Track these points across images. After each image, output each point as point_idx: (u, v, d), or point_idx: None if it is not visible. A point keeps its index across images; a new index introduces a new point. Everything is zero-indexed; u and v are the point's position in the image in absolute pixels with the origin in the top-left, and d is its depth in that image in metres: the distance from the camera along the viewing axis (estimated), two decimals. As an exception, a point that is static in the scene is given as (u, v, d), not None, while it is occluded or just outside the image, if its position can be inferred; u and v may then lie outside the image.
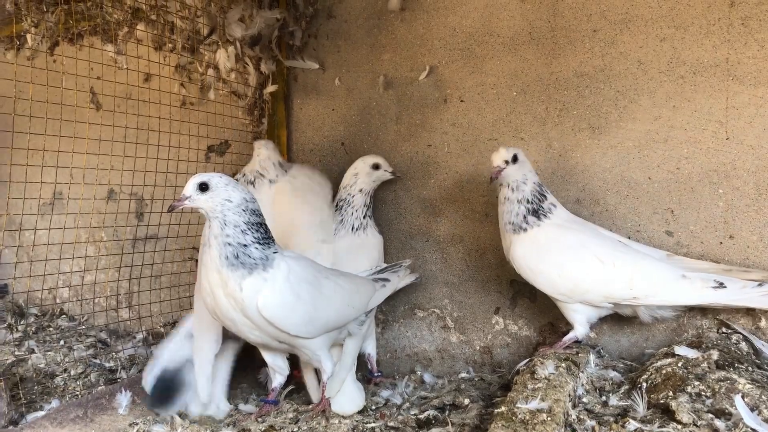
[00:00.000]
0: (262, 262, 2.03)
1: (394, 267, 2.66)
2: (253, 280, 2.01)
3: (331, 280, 2.25)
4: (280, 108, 3.24)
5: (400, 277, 2.64)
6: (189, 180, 2.04)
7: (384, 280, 2.54)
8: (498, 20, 2.84)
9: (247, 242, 2.02)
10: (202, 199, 2.01)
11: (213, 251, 2.02)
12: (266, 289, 2.02)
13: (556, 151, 2.72)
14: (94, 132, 2.74)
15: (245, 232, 2.02)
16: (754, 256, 2.39)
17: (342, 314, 2.28)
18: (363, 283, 2.44)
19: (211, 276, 2.04)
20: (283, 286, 2.05)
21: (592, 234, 2.37)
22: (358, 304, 2.35)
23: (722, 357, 2.09)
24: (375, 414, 2.33)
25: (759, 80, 2.39)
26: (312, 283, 2.16)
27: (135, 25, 3.02)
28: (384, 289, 2.51)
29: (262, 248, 2.04)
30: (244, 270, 2.01)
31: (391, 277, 2.59)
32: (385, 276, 2.58)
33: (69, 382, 2.71)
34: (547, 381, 1.95)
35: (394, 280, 2.59)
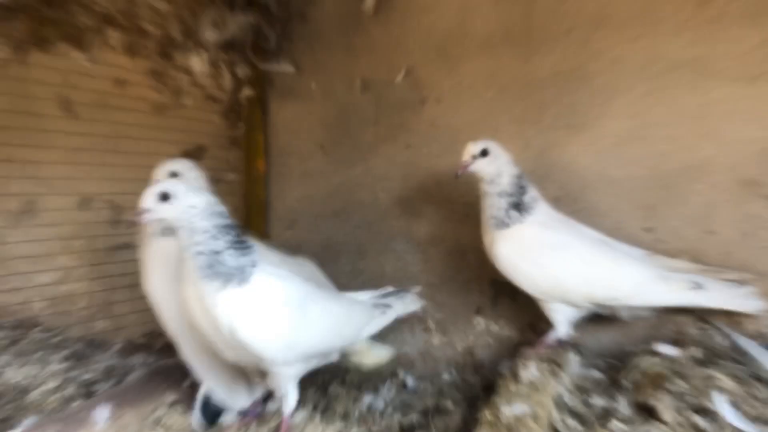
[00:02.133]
0: (239, 273, 1.90)
1: (401, 292, 2.49)
2: (228, 294, 1.89)
3: (319, 305, 2.09)
4: (256, 112, 3.22)
5: (406, 303, 2.46)
6: (146, 191, 1.91)
7: (385, 306, 2.38)
8: (473, 21, 2.83)
9: (220, 248, 1.89)
10: (164, 209, 1.90)
11: (188, 263, 1.92)
12: (240, 307, 1.89)
13: (534, 150, 2.71)
14: (66, 140, 2.69)
15: (216, 237, 1.90)
16: (733, 252, 2.40)
17: (328, 343, 2.14)
18: (358, 309, 2.28)
19: (188, 290, 1.95)
20: (258, 305, 1.92)
21: (575, 233, 2.36)
22: (349, 333, 2.21)
23: (703, 354, 2.09)
24: (358, 420, 2.31)
25: (733, 76, 2.40)
26: (295, 307, 2.01)
27: (106, 31, 2.97)
28: (384, 317, 2.34)
29: (237, 255, 1.91)
30: (218, 281, 1.88)
31: (395, 303, 2.41)
32: (388, 301, 2.40)
33: (45, 397, 2.64)
34: (530, 383, 1.95)
35: (397, 307, 2.41)
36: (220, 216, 1.94)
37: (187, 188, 1.93)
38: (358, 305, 2.31)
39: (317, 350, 2.10)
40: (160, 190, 1.89)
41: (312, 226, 3.17)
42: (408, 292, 2.52)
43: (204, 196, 1.94)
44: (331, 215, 3.13)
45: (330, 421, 2.25)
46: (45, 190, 2.66)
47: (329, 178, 3.13)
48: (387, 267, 3.01)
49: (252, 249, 1.98)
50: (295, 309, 2.00)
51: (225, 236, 1.91)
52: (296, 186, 3.21)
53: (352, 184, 3.08)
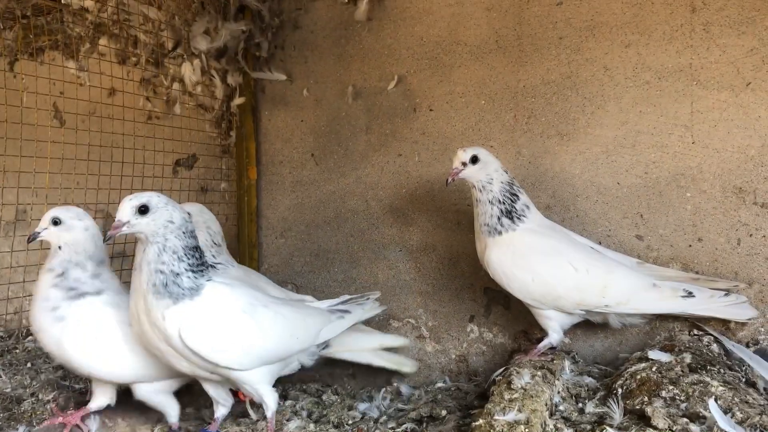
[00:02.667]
0: (191, 291, 1.89)
1: (360, 299, 2.52)
2: (176, 309, 1.86)
3: (271, 309, 2.09)
4: (248, 120, 3.21)
5: (365, 309, 2.50)
6: (123, 202, 1.83)
7: (343, 312, 2.41)
8: (464, 29, 2.85)
9: (180, 270, 1.87)
10: (143, 223, 1.83)
11: (143, 276, 1.87)
12: (190, 318, 1.87)
13: (525, 158, 2.73)
14: (58, 150, 2.69)
15: (181, 259, 1.88)
16: (722, 258, 2.42)
17: (283, 346, 2.12)
18: (312, 313, 2.31)
19: (138, 302, 1.91)
20: (209, 314, 1.91)
21: (566, 240, 2.37)
22: (304, 335, 2.20)
23: (695, 360, 2.10)
24: (352, 429, 2.31)
25: (722, 84, 2.43)
26: (246, 311, 2.01)
27: (97, 40, 2.97)
28: (342, 321, 2.37)
29: (195, 277, 1.90)
30: (170, 300, 1.86)
31: (354, 309, 2.45)
32: (346, 308, 2.44)
33: (37, 407, 2.63)
34: (523, 391, 1.95)
35: (356, 313, 2.44)
36: (191, 236, 1.92)
37: (167, 201, 1.89)
38: (312, 310, 2.34)
39: (274, 354, 2.10)
40: (139, 201, 1.83)
41: (304, 235, 3.17)
42: (368, 298, 2.54)
43: (181, 212, 1.90)
44: (323, 224, 3.13)
45: (324, 429, 2.25)
46: (37, 200, 2.66)
47: (321, 186, 3.13)
48: (380, 275, 3.01)
49: (208, 270, 1.97)
50: (245, 314, 2.00)
51: (189, 259, 1.90)
52: (288, 194, 3.20)
53: (344, 193, 3.08)
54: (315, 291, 3.12)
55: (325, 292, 3.11)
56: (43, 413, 2.56)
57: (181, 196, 3.10)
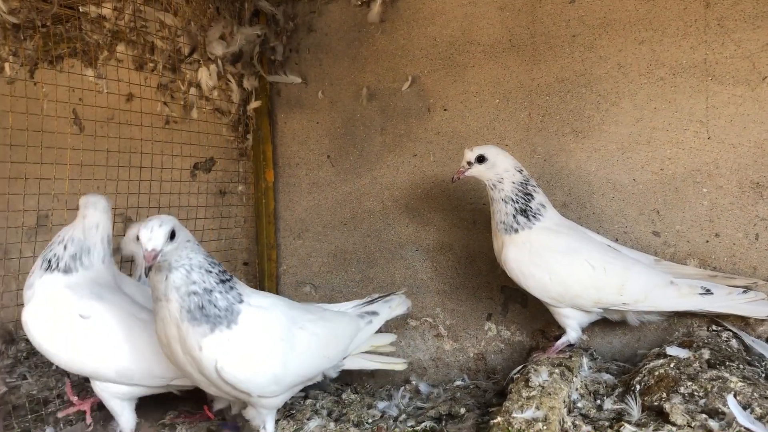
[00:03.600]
0: (227, 315, 1.82)
1: (386, 297, 2.42)
2: (214, 338, 1.80)
3: (307, 331, 2.02)
4: (264, 123, 3.24)
5: (392, 307, 2.41)
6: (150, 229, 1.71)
7: (372, 314, 2.32)
8: (478, 29, 2.86)
9: (212, 285, 1.81)
10: (171, 249, 1.75)
11: (172, 305, 1.79)
12: (228, 350, 1.81)
13: (540, 156, 2.73)
14: (77, 156, 2.73)
15: (209, 271, 1.82)
16: (740, 254, 2.42)
17: (314, 368, 2.08)
18: (345, 324, 2.21)
19: (169, 330, 1.84)
20: (247, 344, 1.84)
21: (584, 238, 2.37)
22: (335, 353, 2.13)
23: (713, 355, 2.10)
24: (372, 427, 2.33)
25: (737, 79, 2.42)
26: (284, 339, 1.95)
27: (115, 47, 3.01)
28: (371, 326, 2.29)
29: (226, 292, 1.84)
30: (207, 326, 1.79)
31: (381, 309, 2.36)
32: (374, 308, 2.35)
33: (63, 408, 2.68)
34: (541, 388, 1.96)
35: (384, 313, 2.36)
36: (201, 249, 1.86)
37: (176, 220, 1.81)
38: (345, 319, 2.23)
39: (305, 377, 2.06)
40: (168, 228, 1.73)
41: (321, 236, 3.20)
42: (394, 294, 2.47)
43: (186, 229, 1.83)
44: (339, 224, 3.16)
45: (344, 428, 2.27)
46: (58, 206, 2.70)
47: (337, 187, 3.16)
48: (397, 275, 3.03)
49: (232, 280, 1.91)
50: (283, 343, 1.94)
51: (214, 268, 1.84)
52: (305, 196, 3.23)
53: (360, 194, 3.11)
54: (333, 291, 3.15)
55: (343, 292, 3.14)
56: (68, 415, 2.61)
57: (199, 199, 3.15)
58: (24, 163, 2.45)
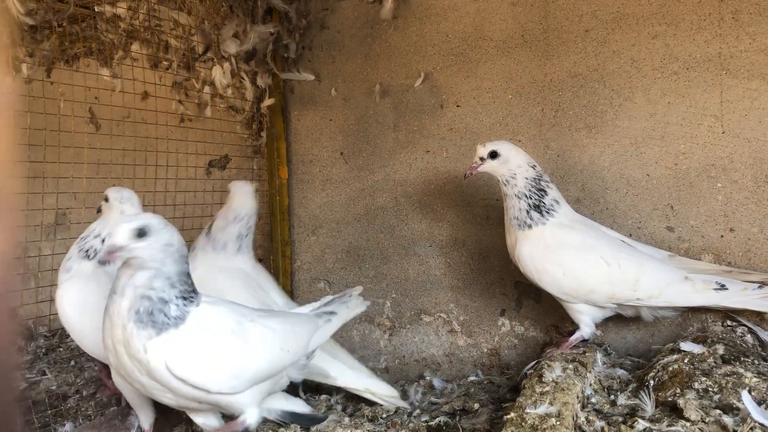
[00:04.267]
0: (176, 321, 1.76)
1: (343, 297, 2.36)
2: (160, 340, 1.73)
3: (258, 324, 1.97)
4: (277, 120, 3.26)
5: (350, 307, 2.34)
6: (119, 224, 1.70)
7: (330, 314, 2.25)
8: (490, 24, 2.85)
9: (170, 298, 1.76)
10: (141, 247, 1.70)
11: (124, 302, 1.73)
12: (177, 348, 1.75)
13: (554, 151, 2.73)
14: (94, 155, 2.77)
15: (174, 286, 1.77)
16: (756, 248, 2.40)
17: (275, 361, 1.99)
18: (301, 321, 2.16)
19: (115, 332, 1.76)
20: (198, 341, 1.79)
21: (598, 234, 2.37)
22: (295, 346, 2.06)
23: (728, 351, 2.10)
24: (386, 422, 2.35)
25: (752, 73, 2.40)
26: (234, 331, 1.89)
27: (130, 46, 3.04)
28: (329, 324, 2.22)
29: (184, 305, 1.78)
30: (153, 330, 1.73)
31: (339, 309, 2.29)
32: (331, 309, 2.28)
33: (81, 404, 2.72)
34: (554, 384, 1.96)
35: (342, 313, 2.29)
36: (185, 260, 1.82)
37: (165, 222, 1.78)
38: (300, 317, 2.19)
39: (266, 371, 1.98)
40: (137, 224, 1.71)
41: (335, 232, 3.21)
42: (350, 296, 2.38)
43: (179, 235, 1.79)
44: (353, 221, 3.17)
45: (358, 424, 2.29)
46: (76, 204, 2.74)
47: (350, 184, 3.17)
48: (410, 271, 3.04)
49: (197, 296, 1.85)
50: (234, 336, 1.88)
51: (182, 285, 1.79)
52: (318, 193, 3.25)
53: (373, 190, 3.12)
54: (347, 287, 3.14)
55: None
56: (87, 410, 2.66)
57: (214, 196, 3.17)
58: (42, 162, 2.48)
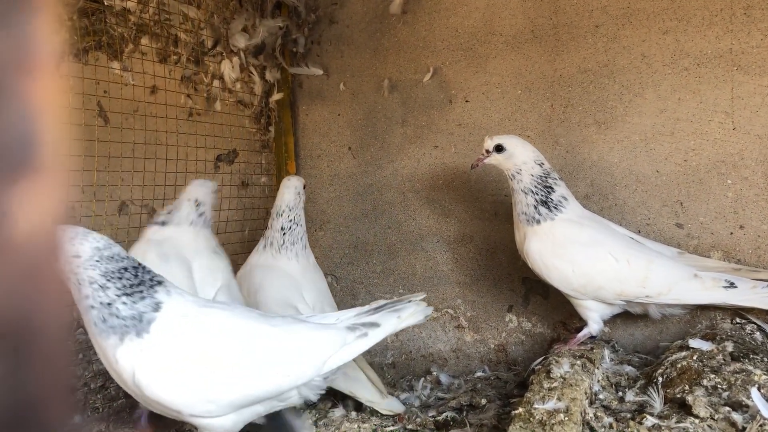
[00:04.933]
0: (134, 324, 1.66)
1: (398, 303, 1.91)
2: (126, 349, 1.65)
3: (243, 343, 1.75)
4: (286, 115, 3.26)
5: (402, 318, 1.88)
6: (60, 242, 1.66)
7: (369, 326, 1.83)
8: (500, 19, 2.85)
9: (111, 299, 1.66)
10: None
11: (84, 319, 1.70)
12: (143, 362, 1.64)
13: (563, 147, 2.72)
14: (104, 149, 2.77)
15: (105, 287, 1.66)
16: (766, 245, 2.40)
17: (267, 386, 1.74)
18: (316, 336, 1.81)
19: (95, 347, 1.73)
20: (163, 357, 1.66)
21: (606, 231, 2.36)
22: (297, 370, 1.76)
23: (737, 348, 2.09)
24: (393, 417, 2.35)
25: (764, 69, 2.39)
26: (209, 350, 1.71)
27: (139, 39, 3.05)
28: (364, 340, 1.81)
29: (132, 302, 1.67)
30: (115, 336, 1.65)
31: (385, 320, 1.86)
32: (374, 319, 1.86)
33: (89, 396, 2.73)
34: (562, 380, 1.96)
35: (388, 325, 1.86)
36: (110, 260, 1.69)
37: (73, 234, 1.69)
38: (317, 331, 1.83)
39: (253, 397, 1.75)
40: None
41: (342, 227, 3.21)
42: (408, 302, 1.93)
43: (90, 243, 1.69)
44: (361, 216, 3.17)
45: (365, 418, 2.29)
46: (85, 197, 2.74)
47: (358, 179, 3.17)
48: (418, 266, 3.04)
49: (156, 288, 1.73)
50: (207, 354, 1.71)
51: (116, 282, 1.68)
52: (326, 188, 3.25)
53: (381, 185, 3.12)
54: (354, 282, 3.17)
55: (364, 283, 3.16)
56: (95, 402, 2.67)
57: (222, 190, 3.16)
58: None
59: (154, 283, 1.73)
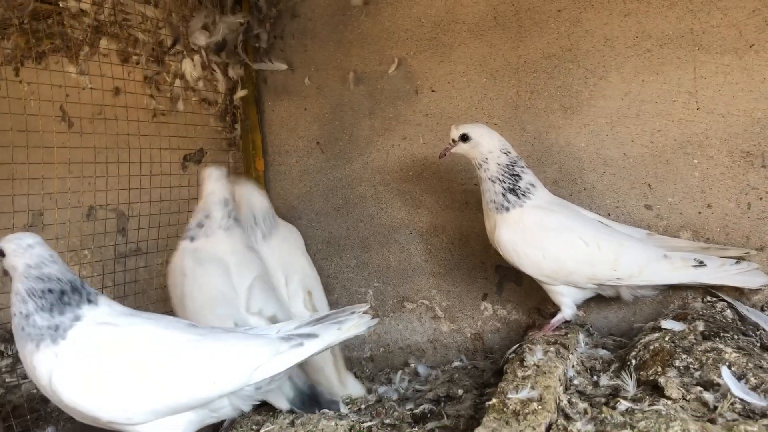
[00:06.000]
0: (50, 332, 1.70)
1: (341, 314, 1.95)
2: (42, 356, 1.69)
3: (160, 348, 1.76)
4: (252, 112, 3.22)
5: (343, 329, 1.90)
6: None
7: (305, 337, 1.85)
8: (462, 7, 2.83)
9: (29, 311, 1.72)
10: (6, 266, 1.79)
11: None
12: (57, 367, 1.67)
13: (530, 133, 2.72)
14: (68, 154, 2.71)
15: (24, 301, 1.73)
16: (733, 224, 2.41)
17: (188, 393, 1.74)
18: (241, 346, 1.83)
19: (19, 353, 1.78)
20: (78, 363, 1.68)
21: (575, 216, 2.36)
22: (225, 377, 1.77)
23: (708, 327, 2.11)
24: (371, 412, 2.34)
25: (724, 48, 2.40)
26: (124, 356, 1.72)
27: (98, 41, 2.99)
28: (298, 350, 1.82)
29: (50, 315, 1.71)
30: (32, 344, 1.70)
31: (325, 331, 1.88)
32: (312, 330, 1.88)
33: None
34: (536, 368, 1.96)
35: (327, 336, 1.87)
36: (37, 280, 1.75)
37: (16, 248, 1.78)
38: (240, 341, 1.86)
39: (175, 406, 1.74)
40: None
41: (314, 223, 3.19)
42: (352, 313, 1.95)
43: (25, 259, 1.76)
44: (332, 211, 3.15)
45: (343, 416, 2.28)
46: (50, 205, 2.69)
47: (328, 173, 3.15)
48: (392, 259, 3.03)
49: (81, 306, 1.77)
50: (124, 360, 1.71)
51: (37, 300, 1.73)
52: (296, 184, 3.22)
53: (352, 179, 3.09)
54: (329, 278, 3.15)
55: (339, 278, 3.14)
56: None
57: (191, 191, 3.12)
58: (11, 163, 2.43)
59: (83, 301, 1.78)
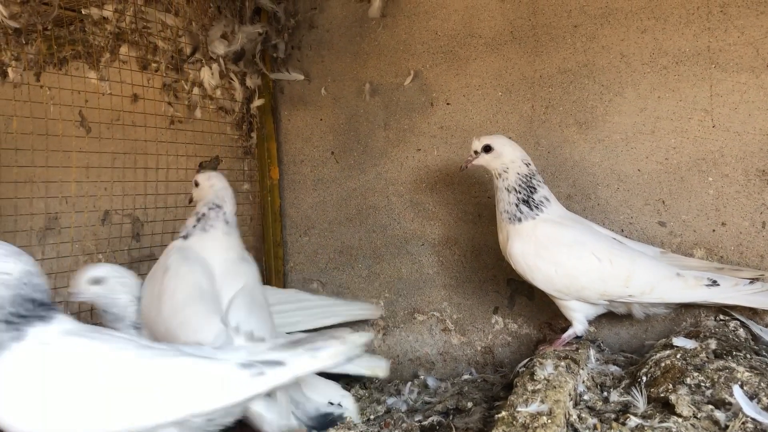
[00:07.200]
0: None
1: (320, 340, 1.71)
2: None
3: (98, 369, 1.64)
4: (268, 121, 3.25)
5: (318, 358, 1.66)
6: None
7: (271, 364, 1.64)
8: (479, 21, 2.84)
9: None
10: None
11: None
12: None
13: (544, 148, 2.72)
14: (86, 159, 2.75)
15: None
16: (747, 242, 2.40)
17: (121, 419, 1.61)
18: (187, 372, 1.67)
19: None
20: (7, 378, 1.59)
21: (589, 231, 2.36)
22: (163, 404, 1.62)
23: (720, 345, 2.09)
24: (379, 423, 2.34)
25: (741, 66, 2.39)
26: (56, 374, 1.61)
27: (118, 48, 3.03)
28: (260, 379, 1.62)
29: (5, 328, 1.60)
30: None
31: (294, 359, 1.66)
32: (279, 357, 1.66)
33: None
34: (546, 382, 1.95)
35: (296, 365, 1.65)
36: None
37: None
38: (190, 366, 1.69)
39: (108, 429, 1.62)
40: None
41: (327, 232, 3.20)
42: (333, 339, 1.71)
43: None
44: (345, 220, 3.16)
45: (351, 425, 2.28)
46: (67, 208, 2.73)
47: (342, 183, 3.16)
48: (403, 270, 3.04)
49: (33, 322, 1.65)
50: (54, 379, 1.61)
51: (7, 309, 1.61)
52: (310, 193, 3.24)
53: (365, 189, 3.11)
54: (340, 287, 3.16)
55: (350, 288, 3.15)
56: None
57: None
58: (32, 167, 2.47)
59: (34, 319, 1.66)
